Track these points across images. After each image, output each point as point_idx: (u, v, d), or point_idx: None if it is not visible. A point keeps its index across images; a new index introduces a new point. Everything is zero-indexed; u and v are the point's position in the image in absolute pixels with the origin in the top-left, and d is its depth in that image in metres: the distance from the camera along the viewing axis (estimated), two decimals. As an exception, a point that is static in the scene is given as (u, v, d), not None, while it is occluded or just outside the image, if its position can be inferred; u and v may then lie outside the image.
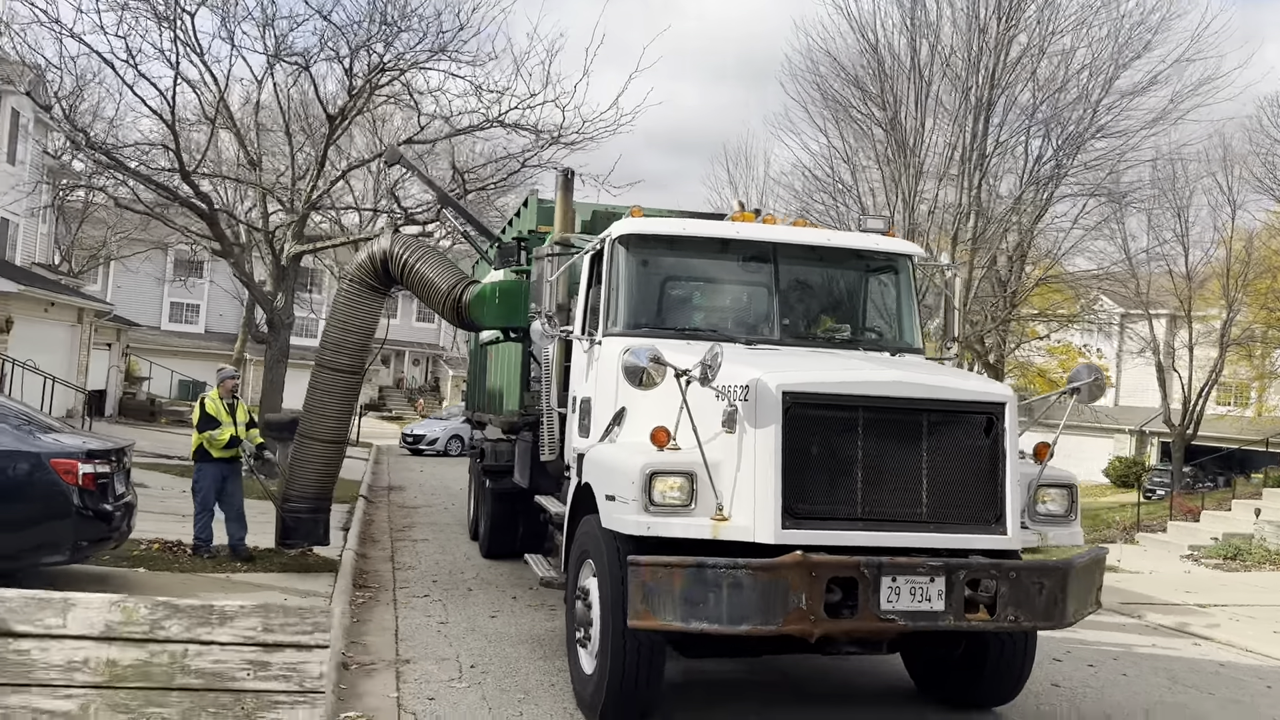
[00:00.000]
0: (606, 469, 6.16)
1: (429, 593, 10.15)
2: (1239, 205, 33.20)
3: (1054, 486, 6.29)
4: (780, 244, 7.54)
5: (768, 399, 5.62)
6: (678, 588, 5.26)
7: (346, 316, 10.79)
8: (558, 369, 8.10)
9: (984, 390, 6.12)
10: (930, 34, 20.36)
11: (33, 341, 22.64)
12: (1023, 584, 5.51)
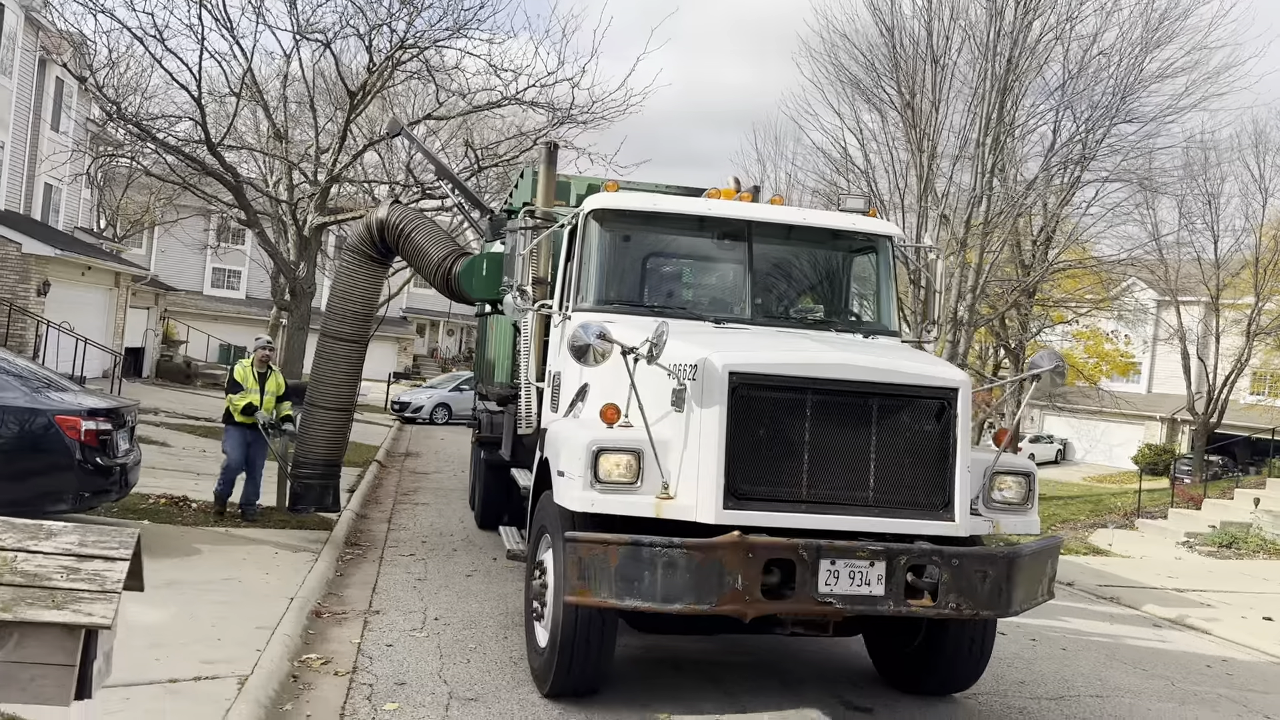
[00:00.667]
0: (559, 444, 6.16)
1: (415, 552, 10.71)
2: (1270, 193, 32.94)
3: (1011, 474, 6.19)
4: (755, 222, 7.41)
5: (714, 378, 5.59)
6: (614, 565, 5.24)
7: (348, 286, 11.01)
8: (536, 343, 8.05)
9: (936, 374, 5.97)
10: (947, 18, 20.38)
11: (70, 304, 23.55)
12: (965, 571, 5.44)
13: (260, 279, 56.47)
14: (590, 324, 5.82)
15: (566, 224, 7.71)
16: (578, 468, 5.63)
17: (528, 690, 6.33)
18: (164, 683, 5.73)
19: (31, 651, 2.00)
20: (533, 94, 19.02)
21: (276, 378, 10.98)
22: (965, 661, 6.64)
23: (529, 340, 8.02)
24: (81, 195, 35.03)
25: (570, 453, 5.80)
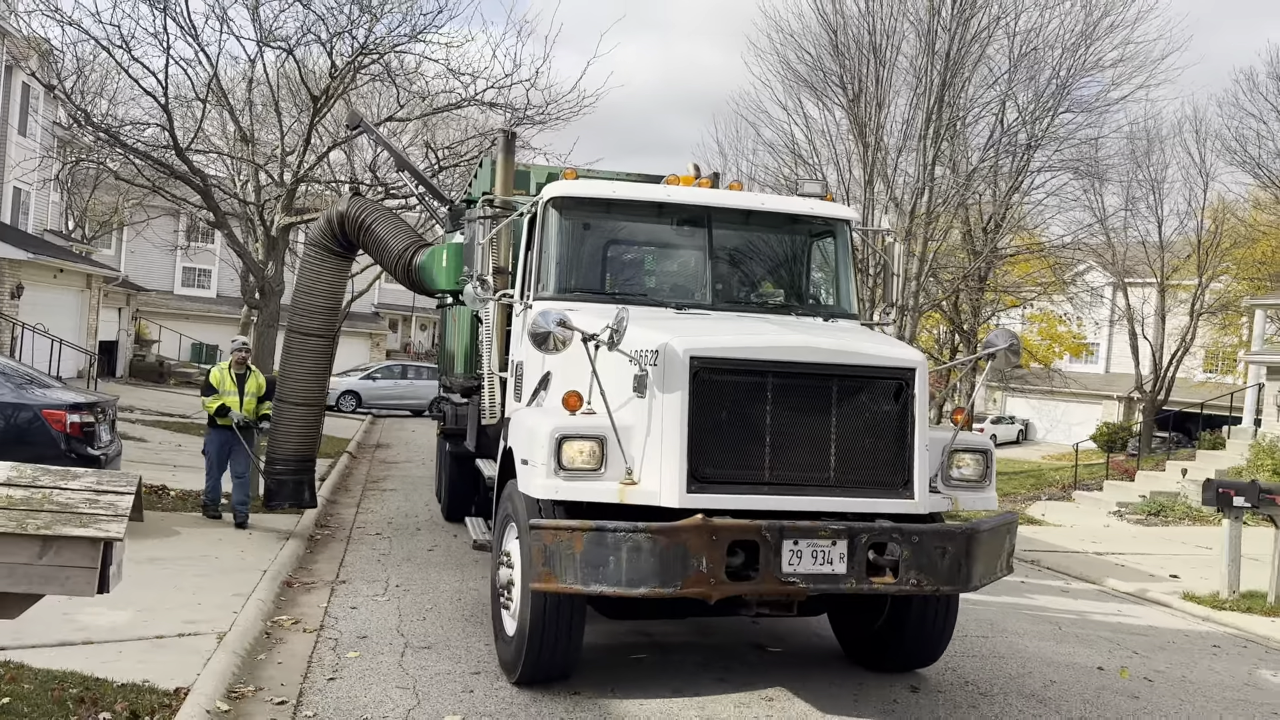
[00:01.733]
0: (522, 433, 6.20)
1: (381, 532, 11.50)
2: (1212, 177, 34.16)
3: (968, 452, 6.27)
4: (714, 208, 7.47)
5: (675, 363, 5.62)
6: (578, 551, 5.27)
7: (311, 281, 11.06)
8: (498, 333, 8.04)
9: (894, 355, 6.05)
10: (888, 15, 21.25)
11: (43, 306, 24.07)
12: (925, 548, 5.51)
13: (230, 277, 56.67)
14: (550, 312, 5.79)
15: (526, 213, 7.72)
16: (541, 455, 5.63)
17: (475, 640, 7.16)
18: (151, 639, 6.50)
19: (66, 557, 2.78)
20: (491, 95, 19.74)
21: (256, 378, 10.91)
22: (929, 637, 6.72)
23: (491, 330, 8.02)
24: (50, 198, 35.39)
25: (533, 441, 5.81)
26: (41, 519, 2.75)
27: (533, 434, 5.88)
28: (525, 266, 7.70)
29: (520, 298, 7.60)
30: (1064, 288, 34.94)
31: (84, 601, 6.53)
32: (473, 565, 9.67)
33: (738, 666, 6.97)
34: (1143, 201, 34.11)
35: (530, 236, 7.67)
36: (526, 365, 7.33)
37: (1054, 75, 23.82)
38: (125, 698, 5.29)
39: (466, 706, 5.81)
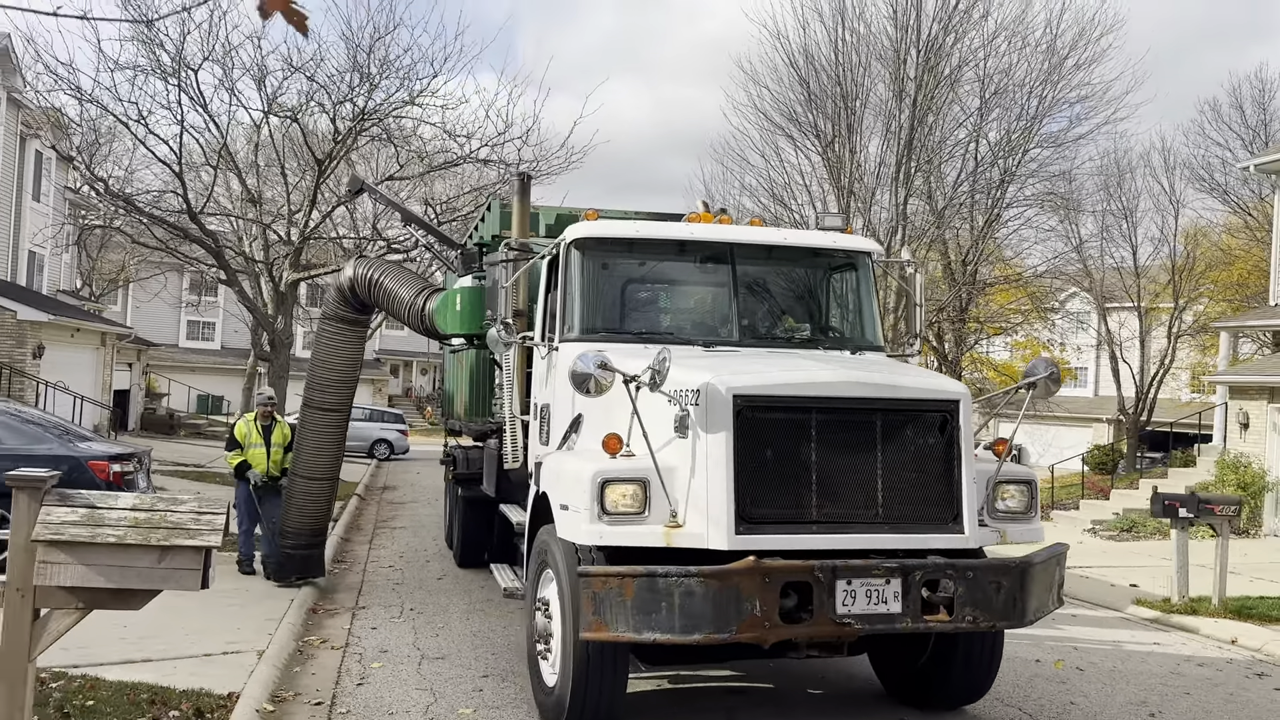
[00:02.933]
0: (561, 477, 6.07)
1: (393, 564, 12.48)
2: (1183, 204, 35.46)
3: (1013, 483, 6.20)
4: (737, 244, 7.45)
5: (718, 402, 5.53)
6: (629, 598, 5.17)
7: (329, 354, 10.84)
8: (519, 375, 7.99)
9: (937, 388, 6.01)
10: (855, 67, 22.52)
11: (62, 365, 25.15)
12: (980, 583, 5.44)
13: (234, 329, 57.85)
14: (589, 354, 5.73)
15: (546, 255, 7.71)
16: (583, 500, 5.52)
17: (483, 651, 8.15)
18: (200, 656, 7.48)
19: (179, 562, 3.77)
20: (484, 152, 20.96)
21: (282, 428, 10.96)
22: (977, 672, 6.61)
23: (511, 373, 7.94)
24: (63, 259, 36.61)
25: (574, 485, 5.70)
26: (160, 533, 3.76)
27: (573, 478, 5.77)
28: (546, 308, 7.68)
29: (542, 339, 7.56)
30: (1044, 315, 36.12)
31: (139, 629, 7.57)
32: (478, 590, 10.64)
33: (780, 709, 6.97)
34: (1116, 229, 35.40)
35: (551, 278, 7.64)
36: (554, 408, 7.25)
37: (1022, 113, 25.12)
38: (188, 700, 6.28)
39: (477, 702, 6.80)
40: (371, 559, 12.96)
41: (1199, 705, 7.61)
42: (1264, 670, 8.93)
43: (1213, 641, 10.27)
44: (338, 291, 10.93)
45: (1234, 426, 20.45)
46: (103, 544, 3.74)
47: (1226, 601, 11.54)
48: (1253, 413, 19.84)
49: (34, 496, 3.88)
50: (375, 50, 19.45)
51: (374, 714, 6.52)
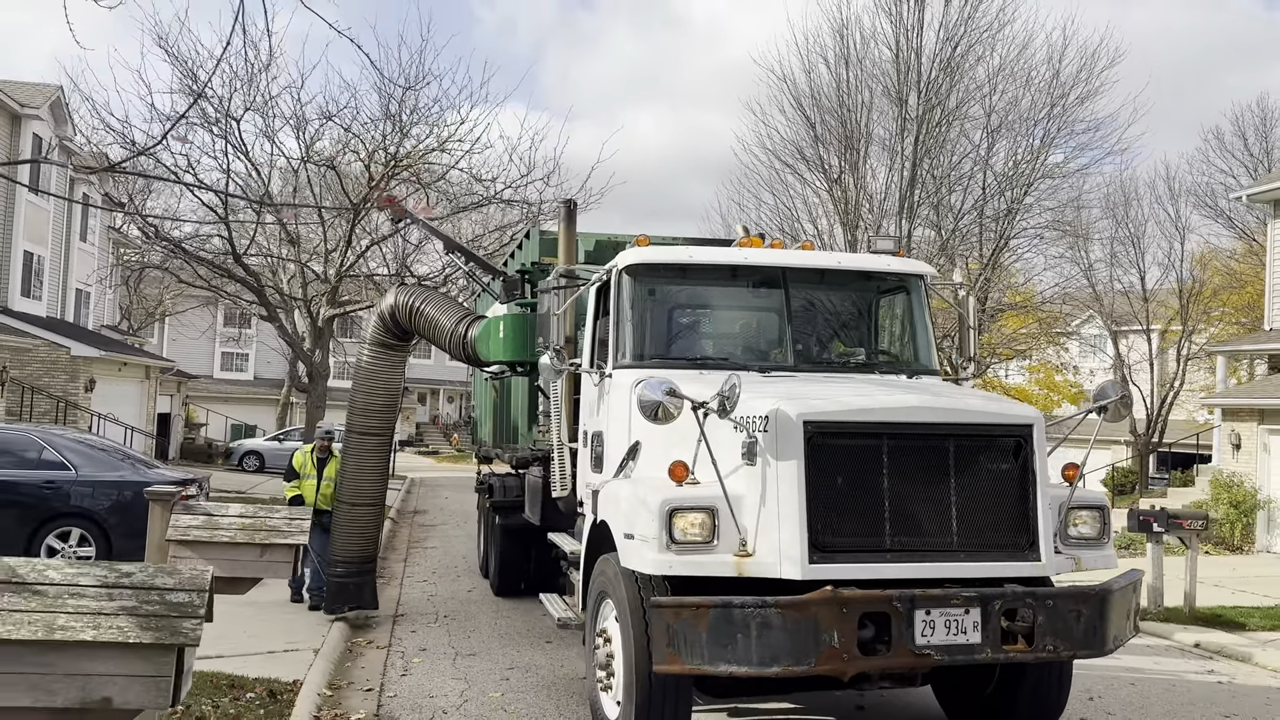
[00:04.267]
0: (624, 506, 5.93)
1: (427, 579, 13.62)
2: (1189, 229, 36.35)
3: (1085, 509, 6.10)
4: (790, 268, 7.38)
5: (789, 429, 5.46)
6: (704, 630, 5.09)
7: (371, 380, 10.92)
8: (567, 403, 7.94)
9: (1011, 412, 5.94)
10: (858, 107, 23.71)
11: (110, 397, 26.60)
12: (1060, 612, 5.38)
13: (267, 360, 59.50)
14: (656, 381, 5.67)
15: (595, 281, 7.68)
16: (651, 529, 5.42)
17: (509, 649, 9.26)
18: (264, 653, 8.64)
19: (275, 556, 4.93)
20: (508, 194, 22.29)
21: (335, 462, 11.08)
22: (1045, 701, 6.50)
23: (559, 401, 7.91)
24: (106, 295, 38.29)
25: (640, 513, 5.60)
26: (262, 534, 4.93)
27: (638, 506, 5.68)
28: (595, 335, 7.68)
29: (591, 366, 7.54)
30: (1056, 340, 36.95)
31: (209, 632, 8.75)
32: (505, 601, 11.75)
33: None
34: (1124, 255, 36.30)
35: (600, 305, 7.65)
36: (608, 435, 7.16)
37: (1028, 146, 26.17)
38: (261, 685, 7.44)
39: (504, 687, 7.93)
40: (407, 574, 14.11)
41: (1139, 693, 8.59)
42: (1214, 668, 9.88)
43: (1176, 645, 11.19)
44: (379, 318, 11.02)
45: (1227, 447, 21.29)
46: (218, 542, 4.91)
47: (1197, 610, 12.42)
48: (1244, 434, 20.69)
49: (165, 507, 5.06)
50: (406, 100, 20.89)
51: (418, 698, 7.66)
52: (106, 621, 2.59)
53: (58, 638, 2.54)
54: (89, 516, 11.19)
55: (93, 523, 11.20)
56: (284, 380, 52.68)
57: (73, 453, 11.72)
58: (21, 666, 2.53)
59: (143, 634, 2.59)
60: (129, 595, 2.66)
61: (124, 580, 2.71)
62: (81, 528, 11.17)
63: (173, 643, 2.65)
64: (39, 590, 2.62)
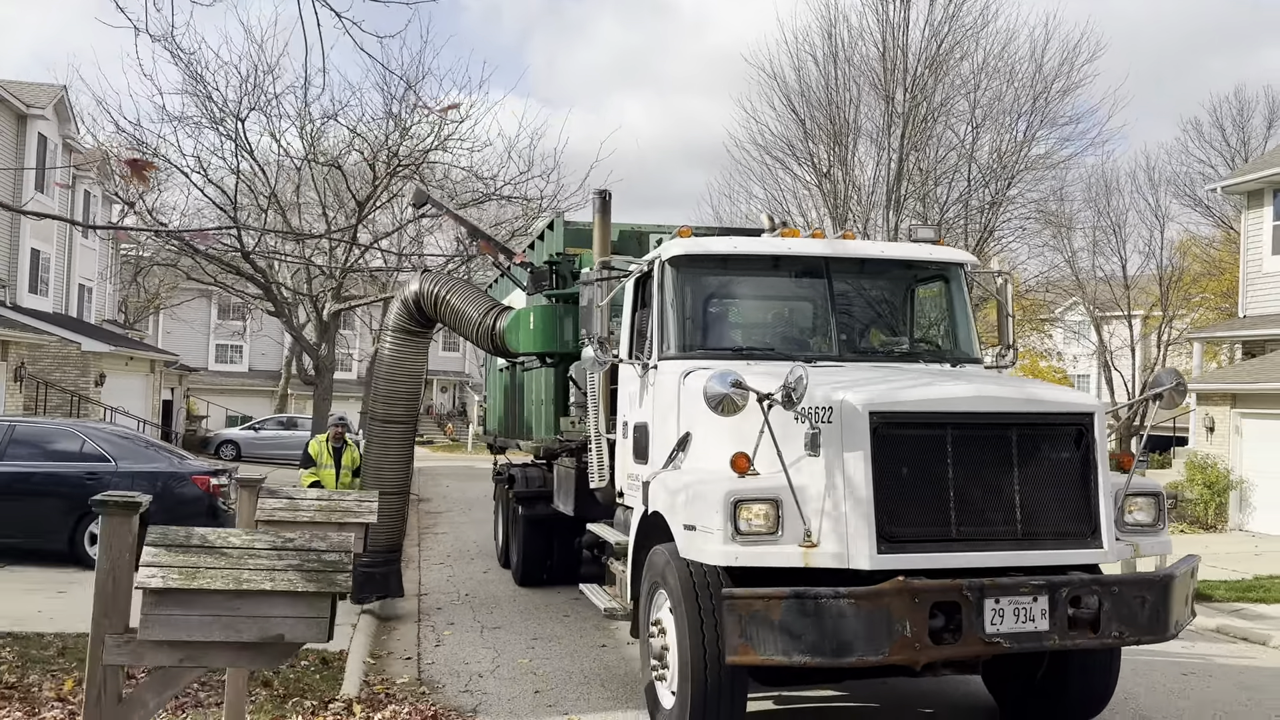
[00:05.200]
0: (682, 497, 5.92)
1: (443, 561, 14.38)
2: (1168, 218, 37.29)
3: (1141, 495, 6.14)
4: (833, 258, 7.39)
5: (855, 420, 5.47)
6: (777, 620, 5.11)
7: (393, 367, 10.86)
8: (604, 394, 8.01)
9: (1072, 400, 6.01)
10: (848, 106, 24.47)
11: (118, 391, 27.23)
12: (1125, 598, 5.42)
13: (262, 352, 59.97)
14: (722, 374, 5.67)
15: (635, 272, 7.72)
16: (715, 520, 5.44)
17: (531, 622, 10.03)
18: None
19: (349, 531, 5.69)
20: (508, 190, 22.98)
21: (351, 452, 11.23)
22: (1095, 687, 6.55)
23: (597, 392, 8.01)
24: (106, 290, 38.84)
25: (702, 505, 5.62)
26: (337, 514, 5.65)
27: (699, 497, 5.69)
28: (634, 326, 7.76)
29: (630, 358, 7.60)
30: (1040, 327, 37.86)
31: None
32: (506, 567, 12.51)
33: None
34: (1106, 244, 37.22)
35: (639, 296, 7.73)
36: (654, 426, 7.18)
37: (1011, 138, 26.97)
38: (313, 654, 8.19)
39: (531, 655, 8.71)
40: (423, 557, 14.86)
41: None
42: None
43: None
44: (401, 305, 10.93)
45: (1201, 430, 22.19)
46: (300, 521, 5.62)
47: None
48: (1218, 417, 21.58)
49: (252, 492, 5.78)
50: (406, 99, 21.52)
51: (454, 664, 8.43)
52: (279, 575, 3.32)
53: (244, 588, 3.28)
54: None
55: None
56: (279, 372, 53.32)
57: (111, 445, 12.41)
58: (217, 610, 3.27)
59: (307, 585, 3.33)
60: (293, 556, 3.40)
61: (288, 545, 3.45)
62: (122, 516, 11.87)
63: (329, 591, 3.39)
64: (225, 553, 3.36)
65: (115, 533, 3.30)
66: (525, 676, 8.10)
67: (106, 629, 3.26)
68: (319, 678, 7.67)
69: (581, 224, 10.56)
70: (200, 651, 3.34)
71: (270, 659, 3.46)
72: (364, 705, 6.84)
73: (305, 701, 6.90)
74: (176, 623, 3.25)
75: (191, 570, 3.28)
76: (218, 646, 3.32)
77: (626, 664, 8.49)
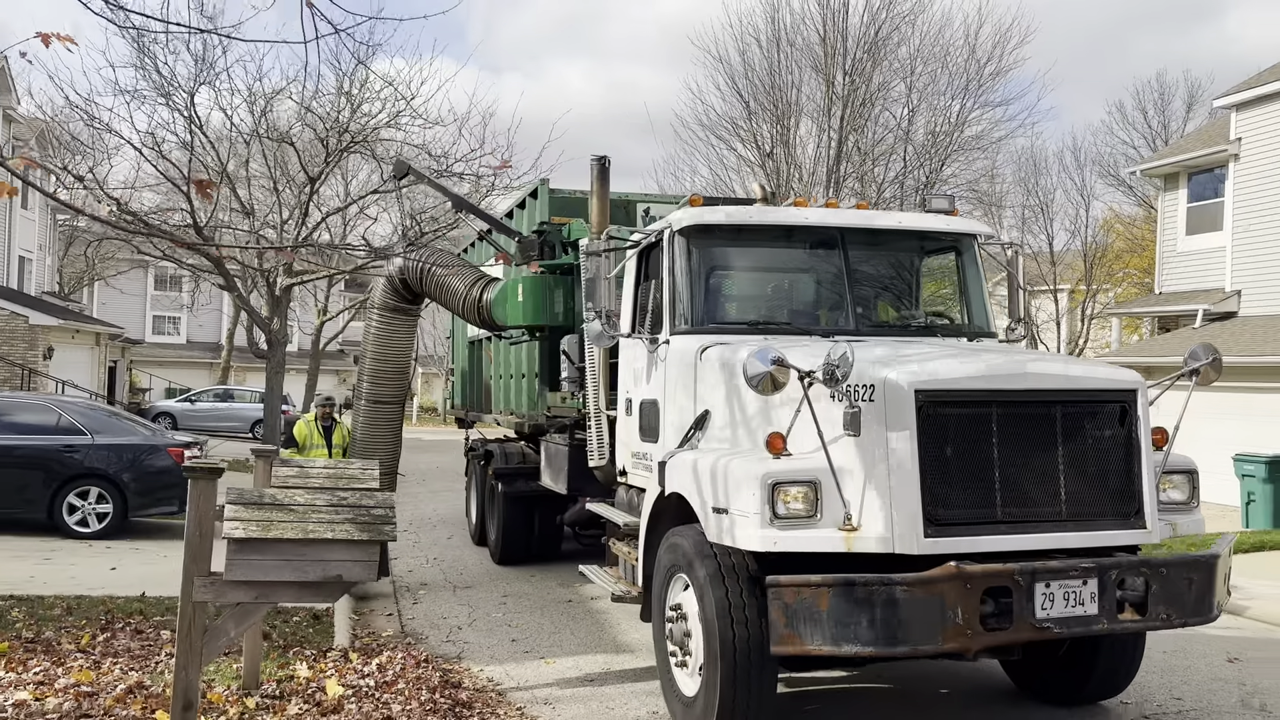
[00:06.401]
0: (711, 479, 5.66)
1: (406, 529, 14.92)
2: (1094, 197, 39.01)
3: (1176, 473, 6.00)
4: (848, 229, 7.15)
5: (899, 398, 5.24)
6: (825, 609, 4.93)
7: (381, 346, 10.77)
8: (604, 370, 7.83)
9: (1116, 377, 5.74)
10: (789, 89, 25.33)
11: (67, 364, 27.23)
12: (1173, 580, 5.33)
13: (199, 323, 59.43)
14: (762, 351, 5.40)
15: (643, 243, 7.45)
16: (751, 503, 5.21)
17: (500, 582, 10.81)
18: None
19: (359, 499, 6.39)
20: (460, 168, 23.46)
21: (342, 429, 11.15)
22: (1120, 666, 6.49)
23: (596, 367, 7.81)
24: (45, 262, 38.40)
25: (736, 487, 5.37)
26: (344, 481, 6.29)
27: (732, 479, 5.43)
28: (637, 300, 7.54)
29: (631, 332, 7.41)
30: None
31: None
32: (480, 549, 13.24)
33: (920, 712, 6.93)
34: (1035, 222, 38.79)
35: (643, 268, 7.51)
36: (665, 403, 6.96)
37: (946, 120, 28.11)
38: (304, 610, 8.86)
39: (503, 610, 9.50)
40: (386, 526, 15.53)
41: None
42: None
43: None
44: (388, 282, 10.83)
45: (1117, 400, 23.63)
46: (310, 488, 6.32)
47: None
48: (1132, 388, 23.01)
49: (267, 462, 6.43)
50: (356, 74, 21.85)
51: (433, 618, 9.18)
52: (338, 527, 4.02)
53: (310, 536, 3.99)
54: (106, 477, 12.35)
55: (110, 482, 12.37)
56: (219, 344, 52.97)
57: (86, 419, 12.83)
58: (287, 555, 3.97)
59: (361, 534, 4.04)
60: (348, 511, 4.10)
61: (344, 501, 4.15)
62: (100, 487, 12.33)
63: (379, 539, 4.10)
64: (292, 509, 4.05)
65: (202, 494, 3.99)
66: (500, 628, 8.87)
67: (195, 573, 3.95)
68: (312, 631, 8.36)
69: (567, 192, 10.43)
70: (270, 589, 4.06)
71: (328, 595, 4.20)
72: (359, 654, 7.54)
73: (305, 651, 7.59)
74: (254, 566, 3.96)
75: (266, 523, 3.99)
76: (286, 585, 4.03)
77: (593, 616, 9.31)
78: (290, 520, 3.99)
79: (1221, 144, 22.97)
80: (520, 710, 6.57)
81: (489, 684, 7.14)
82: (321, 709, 6.00)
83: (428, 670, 7.06)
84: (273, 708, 6.00)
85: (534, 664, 7.75)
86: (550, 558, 11.27)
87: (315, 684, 6.54)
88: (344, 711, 5.96)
